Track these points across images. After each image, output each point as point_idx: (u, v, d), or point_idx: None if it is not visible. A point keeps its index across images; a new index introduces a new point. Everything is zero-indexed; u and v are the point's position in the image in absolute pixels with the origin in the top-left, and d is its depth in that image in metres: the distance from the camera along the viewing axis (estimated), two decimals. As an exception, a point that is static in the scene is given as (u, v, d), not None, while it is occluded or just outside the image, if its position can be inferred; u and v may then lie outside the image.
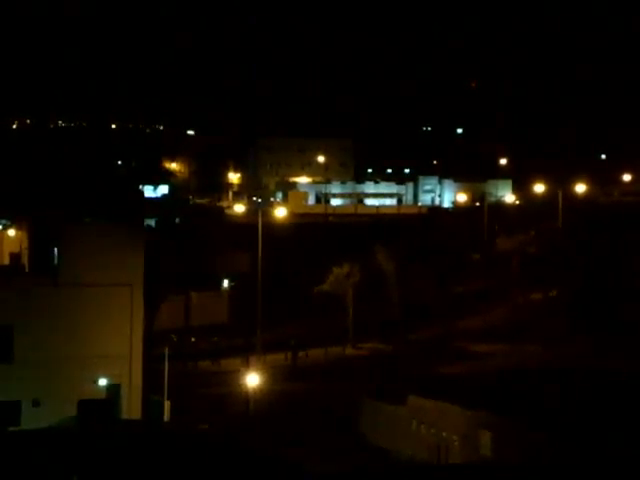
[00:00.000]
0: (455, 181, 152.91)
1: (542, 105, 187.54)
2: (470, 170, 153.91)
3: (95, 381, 50.57)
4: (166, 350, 54.30)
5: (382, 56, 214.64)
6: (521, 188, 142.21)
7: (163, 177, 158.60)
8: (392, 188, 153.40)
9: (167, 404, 53.03)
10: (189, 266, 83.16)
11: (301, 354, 77.64)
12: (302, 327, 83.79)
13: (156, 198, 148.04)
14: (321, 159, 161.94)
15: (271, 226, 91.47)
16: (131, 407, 51.15)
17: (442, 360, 72.57)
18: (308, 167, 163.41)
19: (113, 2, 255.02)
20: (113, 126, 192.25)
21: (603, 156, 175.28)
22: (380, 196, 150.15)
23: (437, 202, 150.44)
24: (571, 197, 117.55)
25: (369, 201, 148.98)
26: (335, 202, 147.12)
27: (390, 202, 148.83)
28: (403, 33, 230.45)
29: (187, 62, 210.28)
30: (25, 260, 55.07)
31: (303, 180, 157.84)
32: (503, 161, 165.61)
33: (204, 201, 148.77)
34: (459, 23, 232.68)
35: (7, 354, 49.71)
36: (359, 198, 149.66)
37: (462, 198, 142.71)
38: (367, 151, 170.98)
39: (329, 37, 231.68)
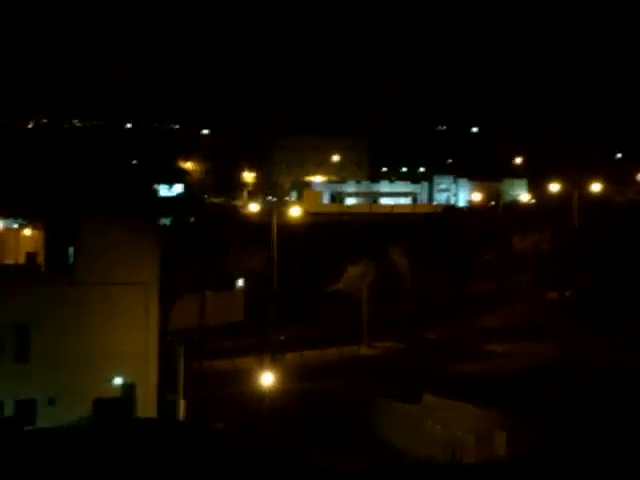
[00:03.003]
0: (470, 180, 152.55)
1: (557, 104, 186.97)
2: (485, 169, 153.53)
3: (110, 380, 50.70)
4: (181, 349, 54.40)
5: (397, 55, 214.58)
6: (536, 187, 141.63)
7: (178, 176, 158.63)
8: (407, 187, 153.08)
9: (182, 403, 53.13)
10: (204, 265, 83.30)
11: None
12: (317, 326, 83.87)
13: (171, 197, 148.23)
14: (336, 158, 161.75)
15: (286, 225, 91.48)
16: (146, 406, 51.25)
17: (457, 359, 72.52)
18: (323, 166, 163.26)
19: (128, 1, 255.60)
20: (128, 125, 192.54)
21: (619, 155, 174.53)
22: (395, 195, 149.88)
23: (452, 201, 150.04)
24: (586, 196, 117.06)
25: (384, 200, 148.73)
26: (350, 201, 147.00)
27: (405, 201, 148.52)
28: (418, 32, 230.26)
29: (202, 61, 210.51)
30: (41, 259, 55.23)
31: (318, 179, 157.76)
32: (518, 160, 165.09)
33: (219, 200, 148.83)
34: (474, 22, 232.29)
35: (23, 353, 49.87)
36: (374, 197, 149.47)
37: (477, 197, 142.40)
38: (382, 150, 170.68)
39: (344, 36, 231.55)
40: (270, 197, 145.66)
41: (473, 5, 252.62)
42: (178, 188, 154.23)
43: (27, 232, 62.99)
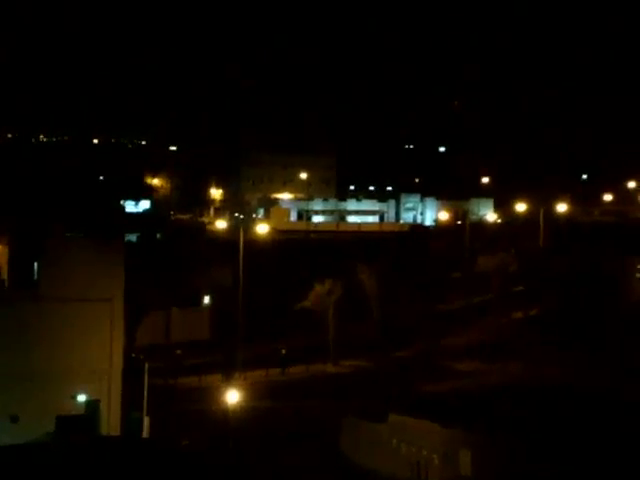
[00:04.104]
0: (437, 199, 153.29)
1: (524, 125, 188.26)
2: (452, 188, 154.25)
3: (74, 397, 50.20)
4: (146, 366, 54.01)
5: (365, 74, 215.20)
6: (503, 207, 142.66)
7: (145, 192, 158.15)
8: (374, 205, 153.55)
9: (147, 420, 52.70)
10: (170, 282, 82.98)
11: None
12: (283, 344, 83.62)
13: (138, 213, 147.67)
14: (303, 176, 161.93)
15: (253, 242, 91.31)
16: (110, 423, 50.79)
17: (423, 378, 72.50)
18: (290, 183, 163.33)
19: (97, 17, 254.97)
20: (95, 141, 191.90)
21: (584, 176, 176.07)
22: (362, 213, 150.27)
23: (419, 220, 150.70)
24: (552, 216, 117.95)
25: (351, 218, 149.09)
26: (317, 219, 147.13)
27: (372, 219, 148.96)
28: (386, 51, 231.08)
29: (170, 77, 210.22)
30: (5, 274, 54.72)
31: (285, 196, 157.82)
32: (485, 180, 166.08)
33: (186, 217, 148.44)
34: (442, 43, 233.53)
35: (-15, 369, 49.28)
36: (341, 215, 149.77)
37: (444, 216, 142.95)
38: (349, 168, 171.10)
39: (313, 55, 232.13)
40: (237, 214, 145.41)
41: (440, 25, 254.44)
42: (145, 204, 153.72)
43: (-9, 247, 62.45)
